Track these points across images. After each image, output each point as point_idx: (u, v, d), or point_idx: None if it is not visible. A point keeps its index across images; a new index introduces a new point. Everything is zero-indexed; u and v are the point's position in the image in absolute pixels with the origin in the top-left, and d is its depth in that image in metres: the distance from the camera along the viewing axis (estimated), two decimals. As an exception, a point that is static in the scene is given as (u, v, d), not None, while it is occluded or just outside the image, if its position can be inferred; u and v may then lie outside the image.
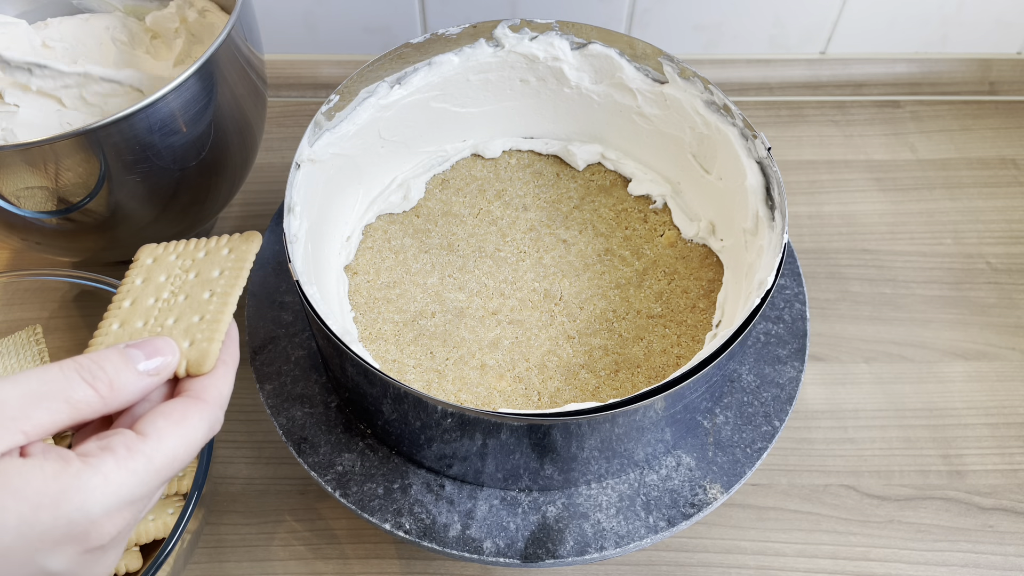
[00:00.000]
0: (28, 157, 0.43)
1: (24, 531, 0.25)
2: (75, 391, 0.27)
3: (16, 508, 0.25)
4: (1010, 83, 0.75)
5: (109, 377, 0.28)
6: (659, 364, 0.48)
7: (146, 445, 0.27)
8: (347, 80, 0.49)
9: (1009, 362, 0.58)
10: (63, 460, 0.26)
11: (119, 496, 0.26)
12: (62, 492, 0.25)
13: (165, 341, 0.30)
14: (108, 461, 0.26)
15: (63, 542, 0.26)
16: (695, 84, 0.50)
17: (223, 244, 0.35)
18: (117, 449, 0.27)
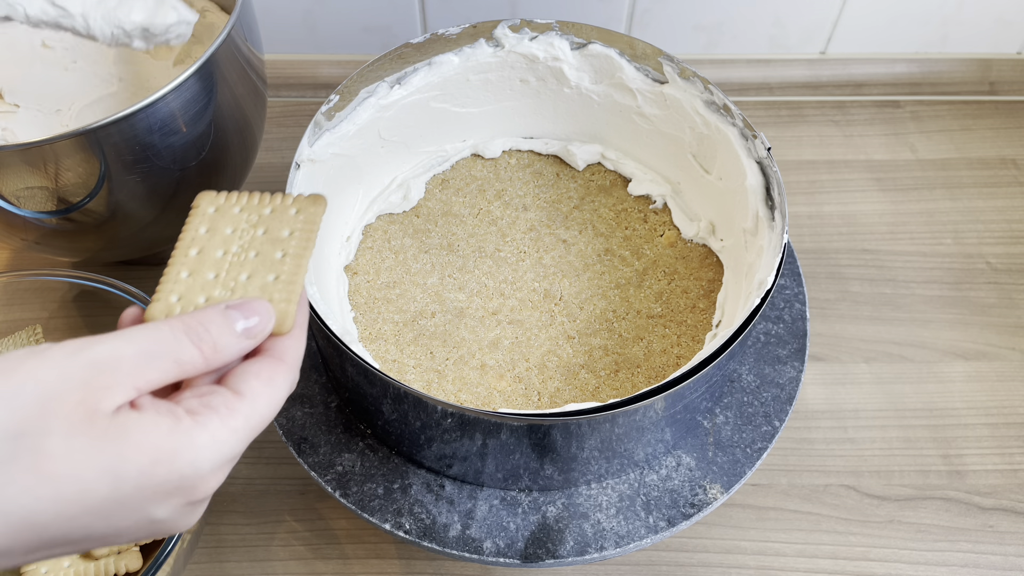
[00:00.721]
0: (28, 157, 0.43)
1: (142, 482, 0.26)
2: (183, 352, 0.28)
3: (137, 460, 0.26)
4: (1010, 83, 0.75)
5: (213, 339, 0.29)
6: (659, 364, 0.48)
7: (243, 405, 0.28)
8: (347, 80, 0.49)
9: (1009, 362, 0.58)
10: (174, 416, 0.27)
11: (222, 454, 0.28)
12: (177, 448, 0.27)
13: (263, 304, 0.31)
14: (214, 420, 0.28)
15: (173, 494, 0.27)
16: (695, 84, 0.50)
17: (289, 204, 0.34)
18: (220, 408, 0.28)
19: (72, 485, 0.25)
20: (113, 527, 0.27)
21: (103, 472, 0.26)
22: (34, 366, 0.26)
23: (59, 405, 0.25)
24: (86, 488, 0.25)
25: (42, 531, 0.25)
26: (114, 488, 0.26)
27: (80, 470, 0.25)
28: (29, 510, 0.25)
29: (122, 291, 0.49)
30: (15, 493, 0.25)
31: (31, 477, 0.25)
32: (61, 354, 0.26)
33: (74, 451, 0.25)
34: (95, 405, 0.26)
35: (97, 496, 0.26)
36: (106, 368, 0.27)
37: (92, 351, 0.27)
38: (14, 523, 0.25)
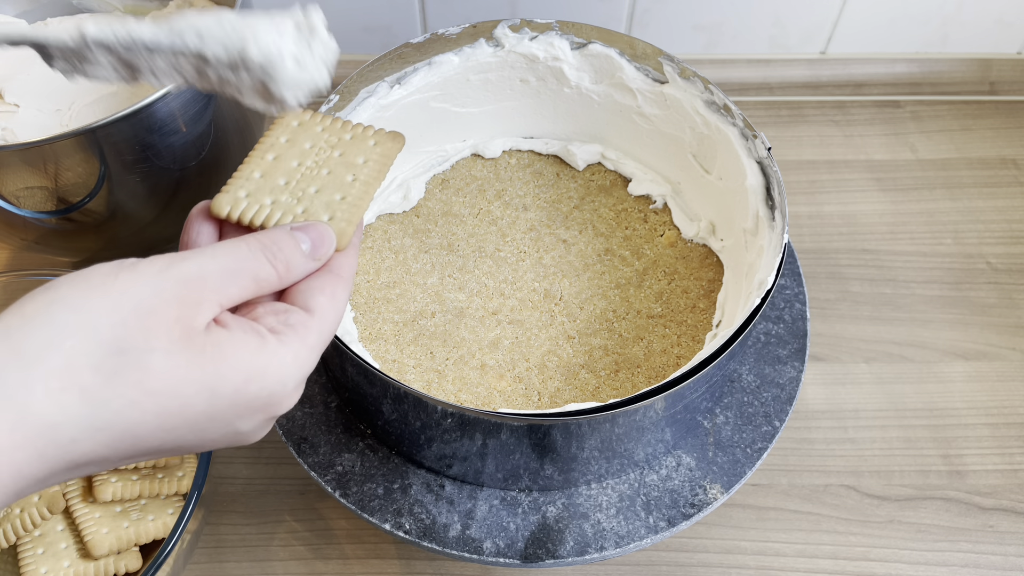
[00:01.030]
0: (28, 157, 0.43)
1: (236, 399, 0.28)
2: (261, 269, 0.30)
3: (232, 379, 0.27)
4: (1010, 83, 0.75)
5: (286, 257, 0.30)
6: (659, 364, 0.48)
7: (314, 322, 0.30)
8: (347, 80, 0.49)
9: (1009, 362, 0.58)
10: (259, 335, 0.29)
11: (304, 370, 0.30)
12: (267, 366, 0.28)
13: (325, 227, 0.32)
14: (294, 339, 0.29)
15: (260, 410, 0.29)
16: (695, 84, 0.50)
17: (370, 135, 0.36)
18: (297, 327, 0.29)
19: (174, 400, 0.27)
20: (201, 438, 0.28)
21: (202, 388, 0.27)
22: (128, 281, 0.27)
23: (157, 321, 0.27)
24: (186, 403, 0.27)
25: (141, 441, 0.27)
26: (210, 404, 0.27)
27: (181, 386, 0.27)
28: (133, 422, 0.26)
29: (122, 291, 0.49)
30: (121, 406, 0.26)
31: (136, 391, 0.26)
32: (152, 270, 0.27)
33: (176, 367, 0.26)
34: (190, 322, 0.27)
35: (194, 411, 0.27)
36: (194, 284, 0.28)
37: (181, 267, 0.28)
38: (117, 434, 0.26)
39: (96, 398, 0.25)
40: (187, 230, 0.33)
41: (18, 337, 0.25)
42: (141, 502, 0.45)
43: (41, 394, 0.25)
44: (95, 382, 0.25)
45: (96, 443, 0.26)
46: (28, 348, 0.25)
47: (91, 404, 0.25)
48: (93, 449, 0.26)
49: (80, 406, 0.25)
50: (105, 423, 0.26)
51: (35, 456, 0.25)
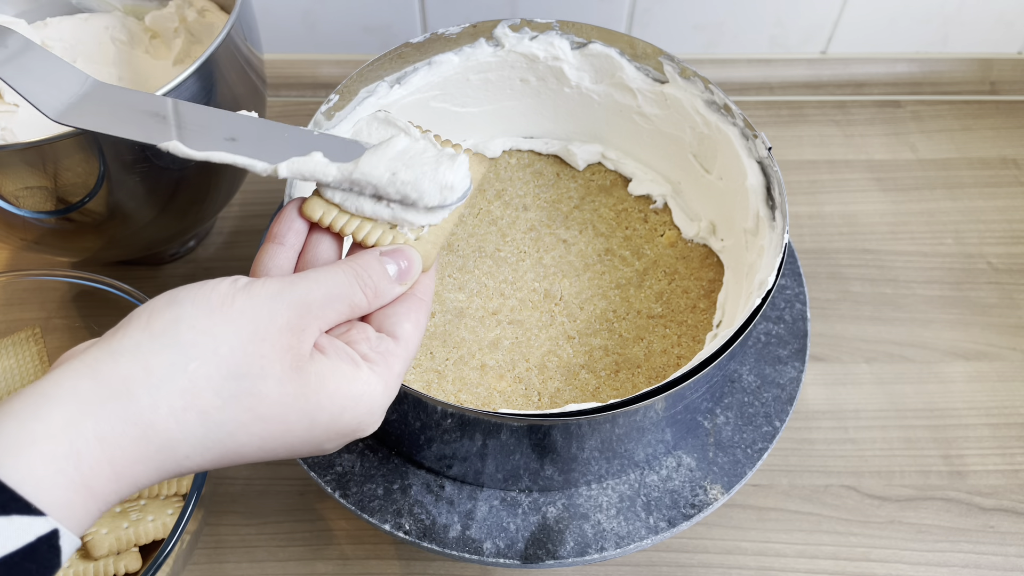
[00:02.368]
0: (28, 157, 0.43)
1: (329, 427, 0.30)
2: (355, 296, 0.31)
3: (330, 409, 0.29)
4: (1011, 83, 0.75)
5: (375, 284, 0.32)
6: (659, 364, 0.48)
7: (401, 349, 0.32)
8: (347, 80, 0.49)
9: (1010, 362, 0.58)
10: (354, 363, 0.30)
11: (390, 398, 0.31)
12: (360, 396, 0.30)
13: (411, 251, 0.34)
14: (384, 368, 0.31)
15: (347, 435, 0.31)
16: (695, 84, 0.50)
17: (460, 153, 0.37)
18: (387, 356, 0.31)
19: (279, 426, 0.29)
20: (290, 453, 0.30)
21: (303, 416, 0.29)
22: (245, 303, 0.29)
23: (271, 348, 0.28)
24: (288, 429, 0.29)
25: (241, 458, 0.29)
26: (308, 430, 0.29)
27: (287, 413, 0.29)
28: (240, 444, 0.28)
29: (121, 291, 0.49)
30: (233, 429, 0.28)
31: (249, 416, 0.28)
32: (266, 294, 0.29)
33: (285, 395, 0.28)
34: (298, 349, 0.29)
35: (293, 435, 0.29)
36: (303, 310, 0.30)
37: (292, 294, 0.30)
38: (223, 452, 0.28)
39: (213, 420, 0.27)
40: (279, 222, 0.34)
41: (146, 354, 0.27)
42: (141, 502, 0.45)
43: (166, 412, 0.26)
44: (213, 404, 0.27)
45: (204, 459, 0.28)
46: (156, 367, 0.27)
47: (207, 425, 0.27)
48: (200, 464, 0.28)
49: (198, 426, 0.27)
50: (216, 442, 0.28)
51: (153, 469, 0.27)
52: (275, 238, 0.34)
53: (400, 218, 0.34)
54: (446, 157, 0.35)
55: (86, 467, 0.25)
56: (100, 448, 0.25)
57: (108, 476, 0.26)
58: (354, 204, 0.34)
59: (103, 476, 0.26)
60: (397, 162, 0.34)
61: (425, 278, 0.34)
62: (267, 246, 0.34)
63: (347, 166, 0.34)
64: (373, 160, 0.34)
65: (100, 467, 0.25)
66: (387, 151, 0.35)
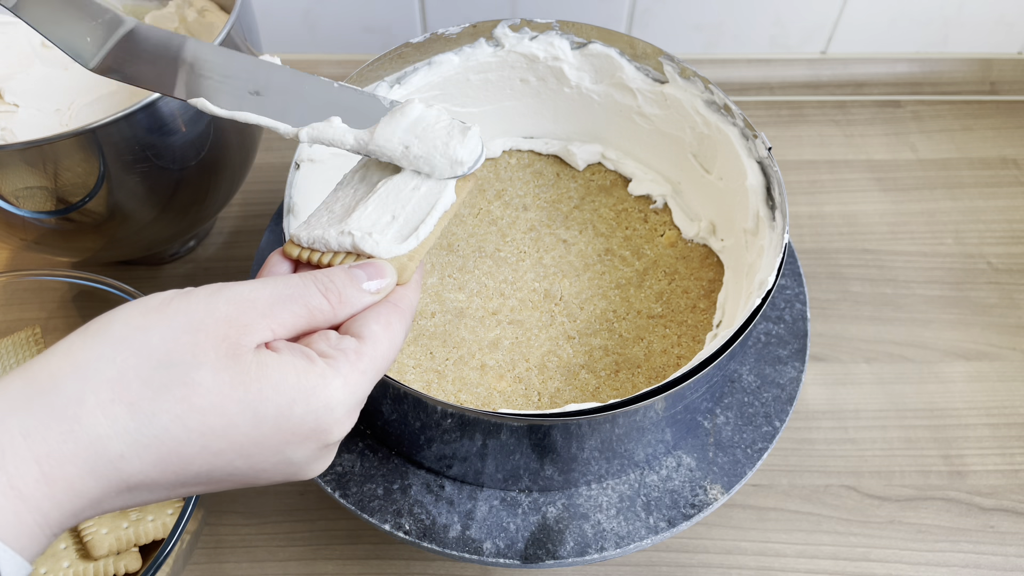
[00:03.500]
0: (28, 157, 0.43)
1: (280, 423, 0.28)
2: (312, 298, 0.30)
3: (276, 400, 0.27)
4: (1011, 83, 0.75)
5: (339, 290, 0.31)
6: (659, 364, 0.48)
7: (366, 347, 0.30)
8: (347, 80, 0.49)
9: (1010, 362, 0.58)
10: (307, 358, 0.28)
11: (355, 396, 0.29)
12: (312, 389, 0.28)
13: (385, 265, 0.33)
14: (344, 363, 0.29)
15: (309, 437, 0.29)
16: (695, 84, 0.50)
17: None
18: (348, 352, 0.29)
19: (218, 418, 0.27)
20: (254, 467, 0.28)
21: (245, 407, 0.27)
22: (182, 302, 0.28)
23: (206, 337, 0.27)
24: (230, 423, 0.27)
25: (188, 464, 0.27)
26: (254, 426, 0.27)
27: (225, 403, 0.27)
28: (178, 441, 0.26)
29: (121, 291, 0.49)
30: (167, 422, 0.26)
31: (181, 406, 0.26)
32: (204, 293, 0.28)
33: (221, 384, 0.27)
34: (237, 339, 0.28)
35: (239, 432, 0.27)
36: (244, 306, 0.28)
37: (232, 290, 0.29)
38: (163, 453, 0.26)
39: (143, 411, 0.26)
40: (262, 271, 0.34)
41: (76, 350, 0.26)
42: (141, 502, 0.45)
43: (92, 405, 0.25)
44: (143, 395, 0.26)
45: (143, 461, 0.26)
46: (84, 360, 0.26)
47: (137, 418, 0.26)
48: (141, 469, 0.26)
49: (128, 419, 0.26)
50: (151, 439, 0.26)
51: (87, 471, 0.25)
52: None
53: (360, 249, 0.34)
54: (457, 130, 0.35)
55: (12, 467, 0.24)
56: (25, 445, 0.24)
57: (36, 477, 0.24)
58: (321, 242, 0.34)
59: (30, 477, 0.24)
60: (410, 134, 0.35)
61: (404, 289, 0.33)
62: None
63: (363, 134, 0.35)
64: (387, 131, 0.35)
65: (27, 466, 0.24)
66: (401, 120, 0.35)
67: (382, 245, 0.34)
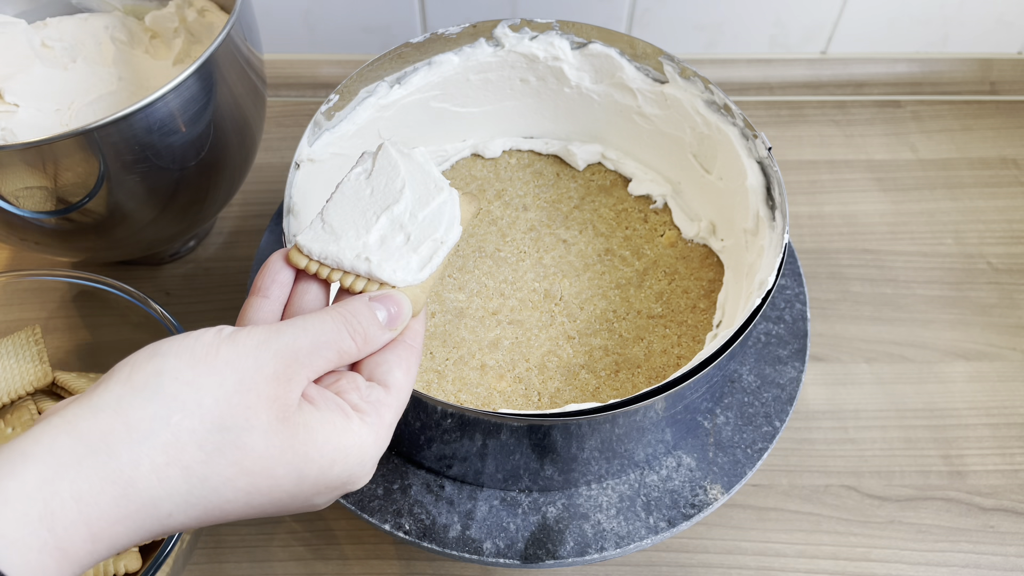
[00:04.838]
0: (28, 157, 0.43)
1: (318, 481, 0.29)
2: (343, 343, 0.30)
3: (319, 462, 0.28)
4: (1011, 83, 0.75)
5: (364, 330, 0.31)
6: (659, 364, 0.48)
7: (392, 398, 0.31)
8: (347, 80, 0.49)
9: (1010, 362, 0.58)
10: (344, 414, 0.29)
11: (381, 449, 0.31)
12: (349, 449, 0.29)
13: (401, 297, 0.33)
14: (375, 418, 0.30)
15: (337, 488, 0.30)
16: (695, 84, 0.50)
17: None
18: (378, 405, 0.30)
19: (265, 481, 0.28)
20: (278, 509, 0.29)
21: (291, 470, 0.28)
22: (230, 353, 0.28)
23: (257, 399, 0.27)
24: (275, 484, 0.28)
25: (226, 515, 0.28)
26: (296, 484, 0.28)
27: (274, 467, 0.28)
28: (225, 500, 0.27)
29: (121, 291, 0.49)
30: (217, 484, 0.27)
31: (233, 469, 0.27)
32: (252, 344, 0.28)
33: (271, 448, 0.27)
34: (285, 399, 0.28)
35: (281, 491, 0.28)
36: (290, 359, 0.29)
37: (278, 342, 0.29)
38: (208, 509, 0.27)
39: (196, 474, 0.26)
40: (263, 274, 0.33)
41: (127, 408, 0.26)
42: (140, 502, 0.45)
43: (147, 469, 0.25)
44: (197, 459, 0.26)
45: (187, 516, 0.27)
46: (137, 421, 0.26)
47: (190, 481, 0.26)
48: (183, 522, 0.27)
49: (181, 482, 0.26)
50: (199, 499, 0.26)
51: (133, 530, 0.26)
52: (259, 291, 0.33)
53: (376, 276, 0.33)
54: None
55: (61, 529, 0.24)
56: (77, 508, 0.24)
57: (84, 537, 0.24)
58: (334, 259, 0.33)
59: (79, 538, 0.24)
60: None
61: (415, 323, 0.34)
62: (251, 299, 0.33)
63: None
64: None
65: (76, 529, 0.24)
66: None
67: (399, 273, 0.33)
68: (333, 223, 0.34)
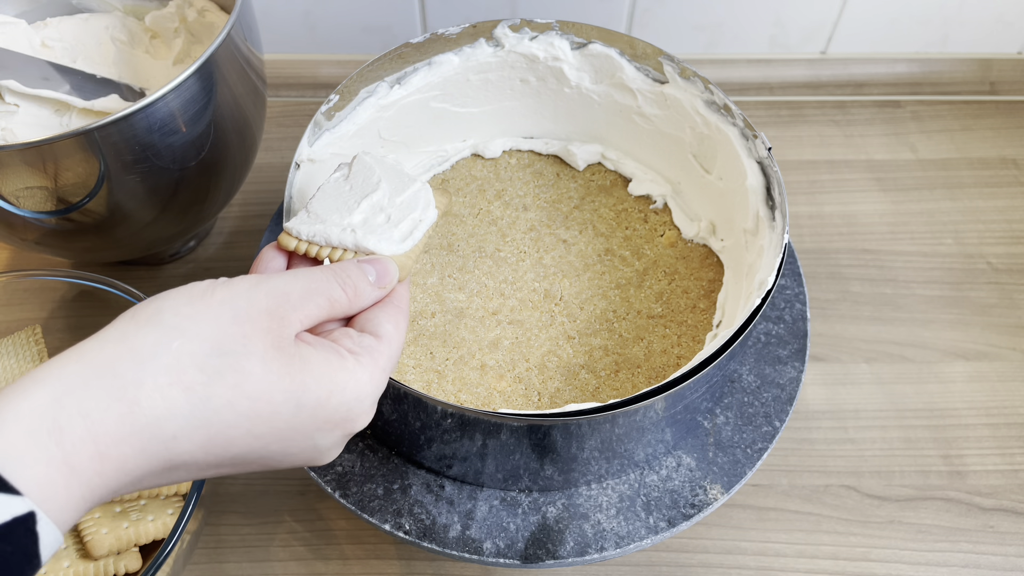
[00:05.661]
0: (28, 157, 0.43)
1: (317, 412, 0.30)
2: (333, 291, 0.32)
3: (316, 391, 0.30)
4: (1010, 83, 0.75)
5: (354, 283, 0.33)
6: (659, 364, 0.48)
7: (384, 346, 0.32)
8: (347, 80, 0.49)
9: (1010, 362, 0.58)
10: (337, 353, 0.31)
11: (377, 390, 0.32)
12: (345, 383, 0.30)
13: (389, 262, 0.35)
14: (368, 360, 0.31)
15: (339, 425, 0.31)
16: (695, 84, 0.50)
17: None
18: (371, 350, 0.32)
19: (265, 406, 0.28)
20: (284, 451, 0.30)
21: (289, 397, 0.29)
22: (225, 293, 0.29)
23: (253, 330, 0.29)
24: (275, 411, 0.29)
25: (231, 445, 0.28)
26: (294, 414, 0.29)
27: (272, 392, 0.29)
28: (227, 424, 0.28)
29: (122, 291, 0.49)
30: (219, 405, 0.28)
31: (233, 392, 0.28)
32: (245, 285, 0.30)
33: (269, 374, 0.29)
34: (280, 333, 0.30)
35: (281, 419, 0.29)
36: (281, 299, 0.30)
37: (269, 284, 0.31)
38: (212, 434, 0.28)
39: (198, 395, 0.27)
40: (259, 261, 0.35)
41: (131, 338, 0.28)
42: (141, 502, 0.45)
43: (150, 388, 0.27)
44: (198, 380, 0.27)
45: (193, 442, 0.27)
46: (141, 347, 0.27)
47: (193, 401, 0.27)
48: (189, 449, 0.27)
49: (184, 402, 0.27)
50: (203, 421, 0.27)
51: (139, 450, 0.26)
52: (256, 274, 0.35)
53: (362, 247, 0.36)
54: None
55: (68, 444, 0.25)
56: (83, 425, 0.25)
57: (92, 455, 0.25)
58: (322, 236, 0.36)
59: (86, 454, 0.25)
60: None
61: (400, 288, 0.35)
62: None
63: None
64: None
65: (83, 445, 0.25)
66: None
67: (383, 244, 0.36)
68: (318, 212, 0.37)
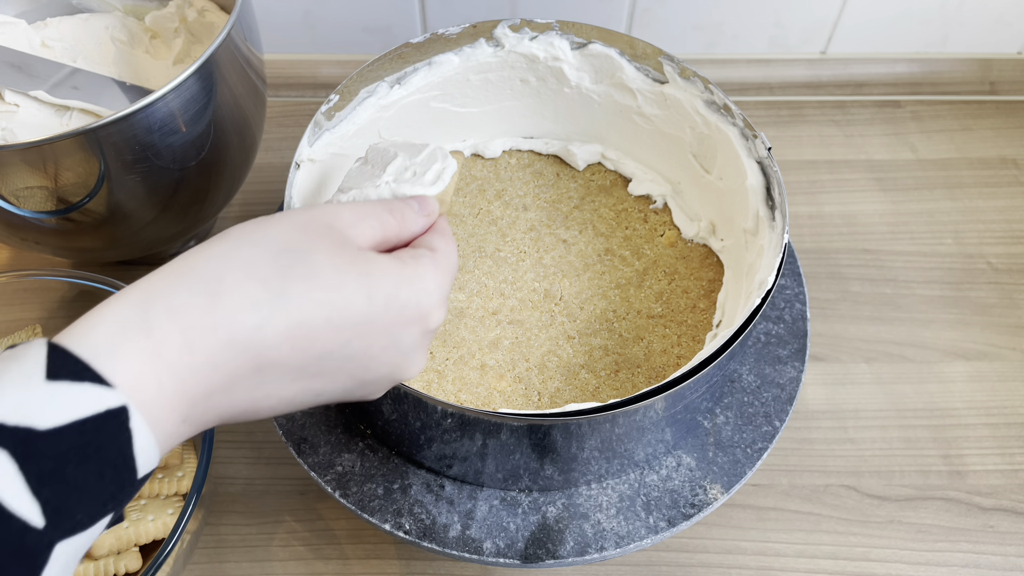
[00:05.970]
0: (28, 157, 0.43)
1: (390, 303, 0.31)
2: (384, 216, 0.34)
3: (384, 284, 0.31)
4: (1010, 83, 0.75)
5: (401, 211, 0.35)
6: (659, 364, 0.48)
7: (441, 256, 0.34)
8: (347, 80, 0.49)
9: (1010, 362, 0.58)
10: (399, 259, 0.33)
11: (443, 289, 0.34)
12: (412, 277, 0.32)
13: (430, 197, 0.38)
14: (429, 262, 0.33)
15: (413, 320, 0.32)
16: (695, 84, 0.50)
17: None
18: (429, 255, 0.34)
19: (338, 295, 0.30)
20: (367, 351, 0.31)
21: (359, 286, 0.30)
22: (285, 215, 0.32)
23: (316, 232, 0.31)
24: (348, 301, 0.30)
25: (314, 339, 0.29)
26: (368, 303, 0.31)
27: (343, 281, 0.30)
28: (306, 314, 0.29)
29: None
30: (294, 295, 0.29)
31: (306, 283, 0.29)
32: (302, 209, 0.32)
33: (337, 266, 0.30)
34: (342, 235, 0.31)
35: (355, 309, 0.30)
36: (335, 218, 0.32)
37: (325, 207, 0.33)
38: (292, 325, 0.29)
39: (273, 287, 0.29)
40: None
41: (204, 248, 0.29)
42: (141, 502, 0.45)
43: (230, 283, 0.28)
44: (273, 274, 0.29)
45: (277, 333, 0.28)
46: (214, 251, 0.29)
47: (270, 291, 0.28)
48: (275, 343, 0.28)
49: (262, 293, 0.28)
50: (282, 311, 0.28)
51: (227, 343, 0.27)
52: None
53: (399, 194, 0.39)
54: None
55: (158, 335, 0.26)
56: (171, 319, 0.27)
57: (180, 345, 0.27)
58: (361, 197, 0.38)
59: (175, 345, 0.26)
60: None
61: (442, 220, 0.38)
62: None
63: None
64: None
65: (172, 336, 0.26)
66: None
67: (417, 189, 0.39)
68: (350, 186, 0.39)
